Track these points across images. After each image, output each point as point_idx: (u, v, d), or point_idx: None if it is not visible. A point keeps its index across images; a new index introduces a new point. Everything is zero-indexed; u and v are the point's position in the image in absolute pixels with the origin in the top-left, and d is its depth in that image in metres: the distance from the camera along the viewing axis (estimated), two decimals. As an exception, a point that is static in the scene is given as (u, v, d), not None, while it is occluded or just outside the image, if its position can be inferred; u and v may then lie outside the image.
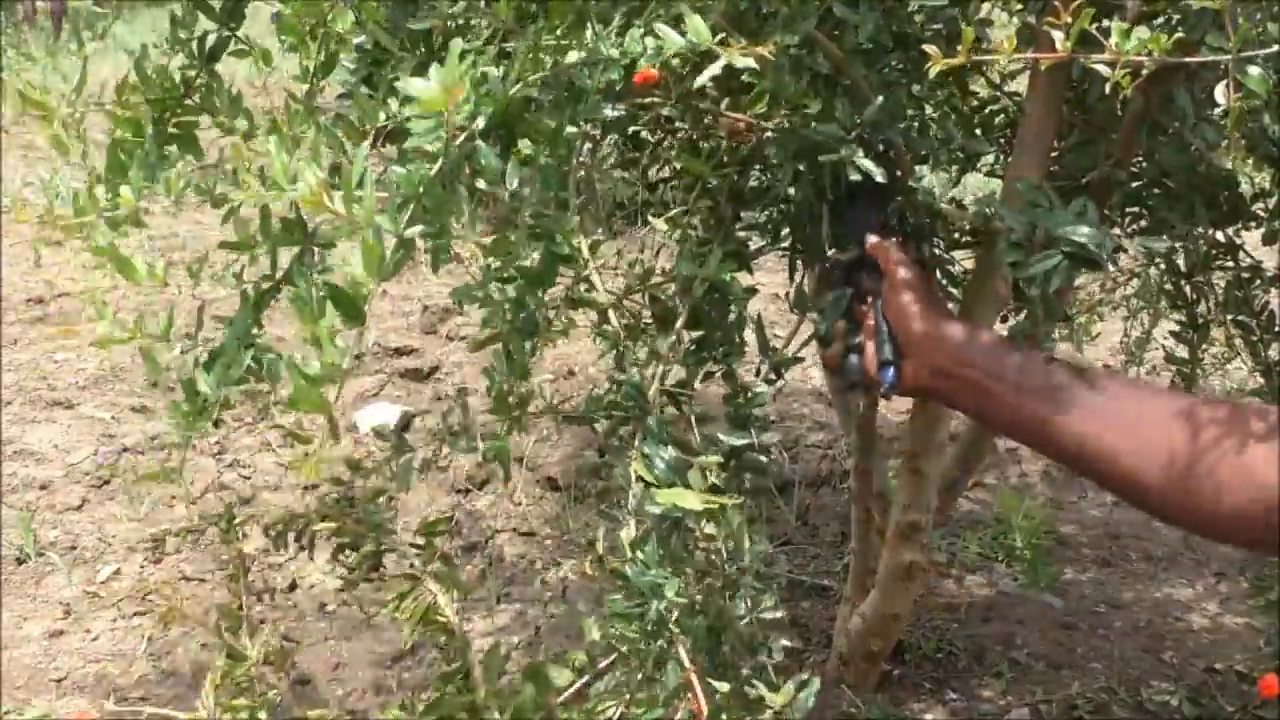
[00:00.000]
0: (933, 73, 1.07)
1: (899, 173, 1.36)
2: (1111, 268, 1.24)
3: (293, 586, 2.36)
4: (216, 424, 1.02)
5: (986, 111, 1.74)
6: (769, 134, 1.32)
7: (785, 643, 1.14)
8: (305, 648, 2.18)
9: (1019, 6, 1.49)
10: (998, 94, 1.74)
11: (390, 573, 1.34)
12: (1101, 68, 1.02)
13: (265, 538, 1.36)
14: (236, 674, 1.29)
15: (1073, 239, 1.18)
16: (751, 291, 1.34)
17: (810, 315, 1.38)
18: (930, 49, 1.07)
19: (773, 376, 1.38)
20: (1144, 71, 1.01)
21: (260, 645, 1.31)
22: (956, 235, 1.55)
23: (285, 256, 1.14)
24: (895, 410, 2.95)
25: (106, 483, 2.70)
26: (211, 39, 1.29)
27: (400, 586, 1.31)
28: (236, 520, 1.42)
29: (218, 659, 1.30)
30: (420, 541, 1.35)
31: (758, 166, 1.49)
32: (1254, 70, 0.99)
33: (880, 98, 1.29)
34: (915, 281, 1.23)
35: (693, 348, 1.31)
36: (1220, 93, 1.01)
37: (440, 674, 1.27)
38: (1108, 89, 1.03)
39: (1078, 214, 1.19)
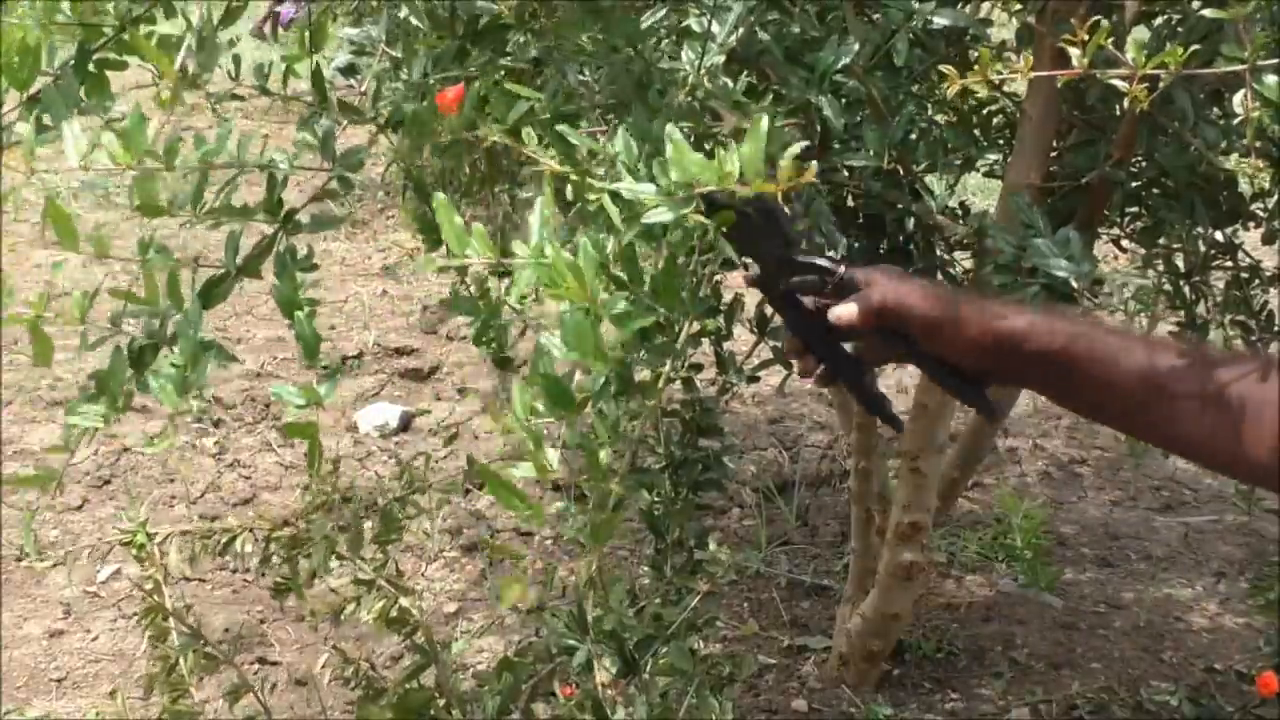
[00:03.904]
0: (950, 93, 1.05)
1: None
2: (1094, 296, 1.23)
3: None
4: (217, 424, 1.01)
5: (985, 112, 1.74)
6: None
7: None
8: (305, 647, 2.18)
9: (1018, 6, 1.49)
10: (997, 95, 1.74)
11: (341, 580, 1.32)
12: (1118, 83, 1.00)
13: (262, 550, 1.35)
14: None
15: (1051, 272, 1.19)
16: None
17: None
18: (947, 69, 1.04)
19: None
20: (1160, 86, 0.99)
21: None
22: (953, 242, 1.55)
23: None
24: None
25: (107, 483, 2.70)
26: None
27: (356, 591, 1.30)
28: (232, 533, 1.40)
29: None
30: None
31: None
32: (1271, 79, 0.98)
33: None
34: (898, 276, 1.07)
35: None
36: (1239, 102, 1.00)
37: (407, 671, 1.27)
38: (1124, 103, 1.01)
39: (1062, 244, 1.19)
